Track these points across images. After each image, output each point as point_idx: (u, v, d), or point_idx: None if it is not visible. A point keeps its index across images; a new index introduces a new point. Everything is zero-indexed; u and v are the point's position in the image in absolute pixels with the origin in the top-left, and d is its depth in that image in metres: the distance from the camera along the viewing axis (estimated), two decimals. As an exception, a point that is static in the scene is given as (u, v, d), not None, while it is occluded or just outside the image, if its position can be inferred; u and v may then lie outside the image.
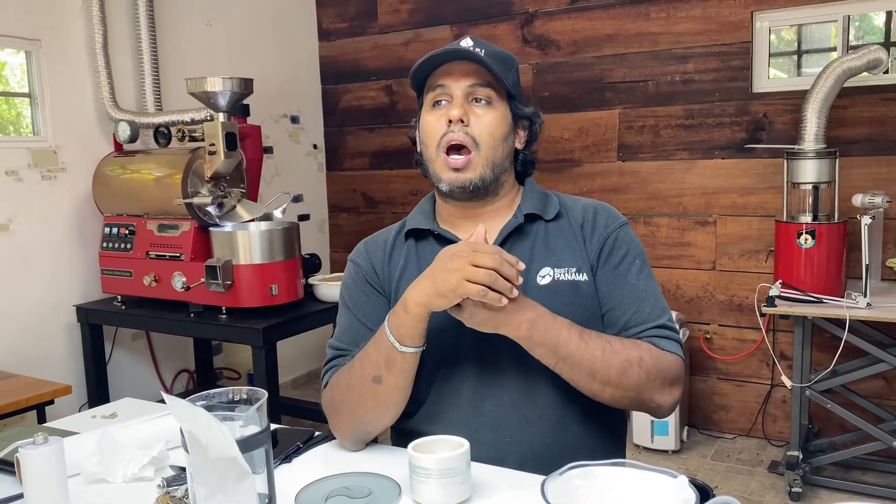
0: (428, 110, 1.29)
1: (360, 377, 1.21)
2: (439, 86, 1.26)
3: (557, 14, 3.73)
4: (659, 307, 1.26)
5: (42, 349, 3.10)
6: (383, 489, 1.09)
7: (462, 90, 1.25)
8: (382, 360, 1.18)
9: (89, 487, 1.20)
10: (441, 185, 1.27)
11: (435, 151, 1.26)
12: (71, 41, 3.20)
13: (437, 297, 1.10)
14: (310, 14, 4.44)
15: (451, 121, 1.23)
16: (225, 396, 1.00)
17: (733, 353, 3.48)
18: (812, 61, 3.44)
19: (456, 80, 1.25)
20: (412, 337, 1.15)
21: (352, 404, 1.24)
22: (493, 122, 1.26)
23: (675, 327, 1.27)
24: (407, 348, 1.16)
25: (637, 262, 1.28)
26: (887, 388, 3.17)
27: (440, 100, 1.27)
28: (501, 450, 1.22)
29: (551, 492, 0.92)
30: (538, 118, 1.34)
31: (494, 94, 1.26)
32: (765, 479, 3.07)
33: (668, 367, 1.21)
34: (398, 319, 1.16)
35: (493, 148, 1.25)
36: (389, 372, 1.18)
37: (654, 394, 1.20)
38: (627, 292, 1.26)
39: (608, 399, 1.19)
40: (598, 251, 1.28)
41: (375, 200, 4.42)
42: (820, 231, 2.82)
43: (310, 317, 2.93)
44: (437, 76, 1.27)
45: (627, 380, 1.16)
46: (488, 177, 1.25)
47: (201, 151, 2.90)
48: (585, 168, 3.74)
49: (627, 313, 1.25)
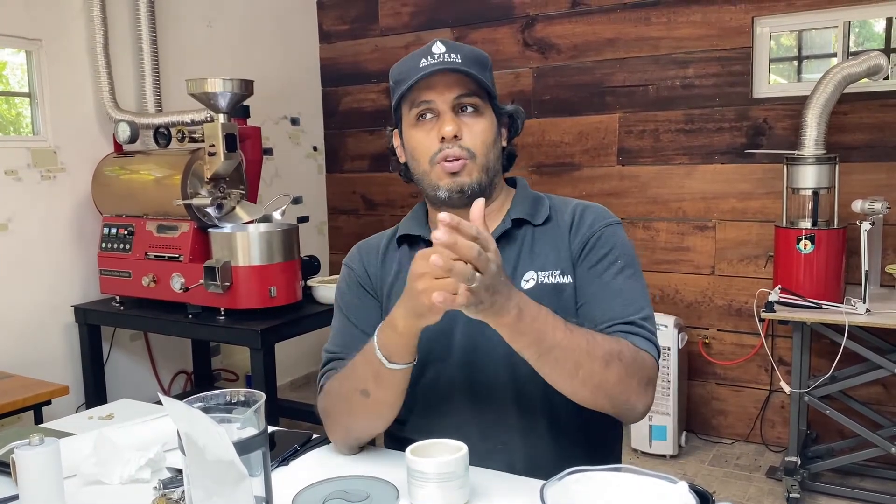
0: (413, 125, 1.26)
1: (350, 389, 1.20)
2: (423, 101, 1.23)
3: (558, 18, 3.73)
4: (634, 305, 1.21)
5: (40, 349, 3.09)
6: (381, 493, 1.09)
7: (448, 104, 1.22)
8: (371, 375, 1.15)
9: (85, 489, 1.20)
10: (440, 192, 1.24)
11: (429, 165, 1.24)
12: (71, 41, 3.20)
13: (420, 318, 1.06)
14: (310, 16, 4.44)
15: (445, 138, 1.21)
16: (222, 398, 1.00)
17: (732, 358, 3.48)
18: (812, 67, 3.44)
19: (440, 94, 1.22)
20: (401, 354, 1.12)
21: (342, 414, 1.24)
22: (485, 129, 1.24)
23: (650, 326, 1.21)
24: (396, 365, 1.12)
25: (619, 263, 1.24)
26: (886, 395, 3.17)
27: (425, 113, 1.24)
28: (493, 458, 1.21)
29: (550, 497, 0.92)
30: (520, 114, 1.33)
31: (480, 100, 1.24)
32: (763, 484, 3.06)
33: (644, 365, 1.16)
34: (387, 337, 1.12)
35: (487, 154, 1.25)
36: (378, 387, 1.16)
37: (631, 393, 1.15)
38: (600, 289, 1.22)
39: (588, 398, 1.13)
40: (581, 249, 1.26)
41: (375, 203, 4.42)
42: (819, 237, 2.81)
43: (308, 319, 2.93)
44: (420, 91, 1.23)
45: (609, 374, 1.11)
46: (484, 181, 1.25)
47: (201, 152, 2.90)
48: (585, 172, 3.74)
49: (596, 309, 1.21)
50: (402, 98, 1.26)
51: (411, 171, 1.31)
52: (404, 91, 1.23)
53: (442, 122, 1.23)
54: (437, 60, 1.21)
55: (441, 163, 1.23)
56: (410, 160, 1.29)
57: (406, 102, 1.26)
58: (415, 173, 1.29)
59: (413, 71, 1.22)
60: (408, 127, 1.27)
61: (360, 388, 1.17)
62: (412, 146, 1.27)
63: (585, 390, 1.12)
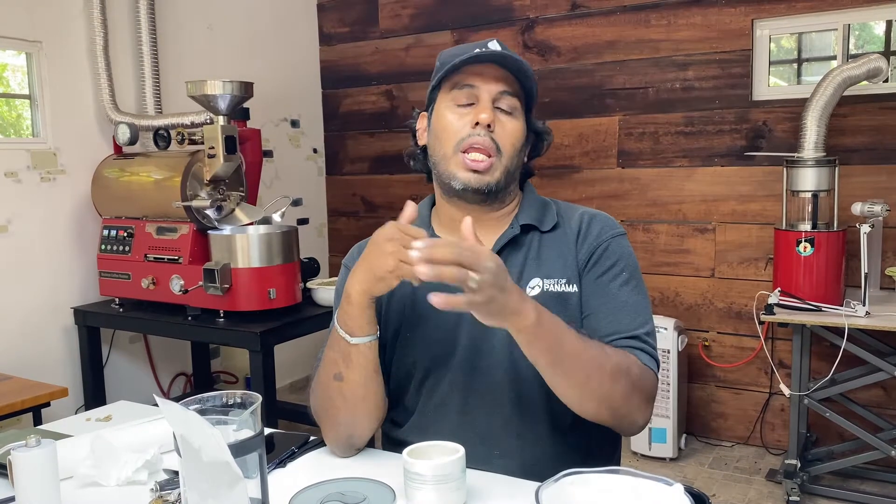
0: (448, 107, 1.24)
1: (325, 377, 1.21)
2: (467, 85, 1.22)
3: (558, 20, 3.73)
4: (638, 320, 1.22)
5: (39, 351, 3.09)
6: (378, 495, 1.09)
7: (490, 94, 1.22)
8: (340, 357, 1.17)
9: (82, 490, 1.20)
10: (454, 182, 1.22)
11: (452, 150, 1.22)
12: (72, 43, 3.20)
13: (377, 282, 1.09)
14: (311, 18, 4.45)
15: (479, 123, 1.20)
16: (219, 400, 0.99)
17: (732, 360, 3.48)
18: (812, 70, 3.44)
19: (486, 83, 1.22)
20: (361, 327, 1.14)
21: (325, 407, 1.23)
22: (515, 131, 1.24)
23: (652, 342, 1.22)
24: (359, 339, 1.15)
25: (624, 275, 1.25)
26: (886, 398, 3.16)
27: (464, 102, 1.23)
28: (491, 463, 1.20)
29: (546, 499, 0.92)
30: (549, 136, 1.33)
31: (518, 104, 1.24)
32: (762, 487, 3.06)
33: (647, 382, 1.18)
34: (344, 312, 1.15)
35: (512, 157, 1.24)
36: (348, 368, 1.17)
37: (633, 408, 1.16)
38: (606, 301, 1.23)
39: (591, 410, 1.14)
40: (587, 259, 1.25)
41: (375, 205, 4.42)
42: (819, 239, 2.81)
43: (308, 321, 2.93)
44: (466, 75, 1.22)
45: (616, 388, 1.12)
46: (503, 183, 1.24)
47: (201, 154, 2.90)
48: (585, 174, 3.74)
49: (602, 322, 1.21)
50: (443, 79, 1.25)
51: (430, 153, 1.28)
52: (450, 69, 1.22)
53: (480, 108, 1.21)
54: (493, 52, 1.21)
55: (466, 151, 1.21)
56: (434, 141, 1.27)
57: (448, 83, 1.25)
58: (433, 156, 1.27)
59: (467, 51, 1.22)
60: (442, 108, 1.25)
61: (334, 373, 1.19)
62: (441, 126, 1.25)
63: (591, 402, 1.13)
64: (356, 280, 1.12)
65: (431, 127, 1.28)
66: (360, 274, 1.12)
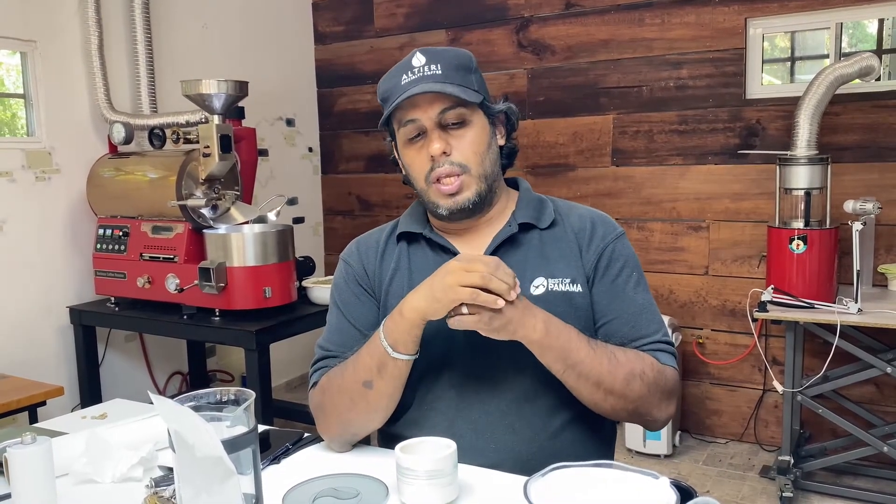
0: (404, 143, 1.27)
1: (352, 381, 1.21)
2: (410, 120, 1.24)
3: (552, 19, 3.74)
4: (656, 321, 1.27)
5: (35, 350, 3.09)
6: (371, 490, 1.10)
7: (433, 121, 1.22)
8: (375, 366, 1.18)
9: (77, 488, 1.20)
10: (440, 210, 1.26)
11: (424, 184, 1.26)
12: (66, 43, 3.20)
13: (433, 302, 1.11)
14: (306, 17, 4.45)
15: (434, 156, 1.23)
16: (213, 397, 1.01)
17: (726, 357, 3.49)
18: (805, 68, 3.46)
19: (424, 112, 1.22)
20: (405, 343, 1.16)
21: (341, 408, 1.24)
22: (474, 139, 1.24)
23: (672, 341, 1.28)
24: (399, 355, 1.16)
25: (634, 276, 1.28)
26: (878, 394, 3.18)
27: (414, 134, 1.25)
28: (487, 457, 1.22)
29: (534, 492, 0.93)
30: (513, 112, 1.33)
31: (466, 110, 1.23)
32: (756, 483, 3.07)
33: (667, 380, 1.22)
34: (393, 324, 1.16)
35: (480, 164, 1.25)
36: (381, 378, 1.18)
37: (653, 407, 1.21)
38: (626, 305, 1.26)
39: (609, 410, 1.20)
40: (595, 263, 1.27)
41: (370, 204, 4.42)
42: (812, 237, 2.83)
43: (303, 319, 2.93)
44: (405, 110, 1.23)
45: (630, 391, 1.17)
46: (483, 190, 1.25)
47: (196, 153, 2.91)
48: (580, 173, 3.75)
49: (626, 326, 1.25)
50: (390, 115, 1.27)
51: (412, 186, 1.32)
52: (389, 112, 1.24)
53: (429, 140, 1.23)
54: (418, 76, 1.22)
55: (436, 183, 1.24)
56: (408, 176, 1.31)
57: (394, 120, 1.27)
58: (414, 188, 1.31)
59: (395, 89, 1.23)
60: (401, 145, 1.29)
61: (364, 380, 1.20)
62: (407, 163, 1.29)
63: (606, 404, 1.19)
64: (414, 297, 1.15)
65: (401, 162, 1.32)
66: (420, 293, 1.14)
